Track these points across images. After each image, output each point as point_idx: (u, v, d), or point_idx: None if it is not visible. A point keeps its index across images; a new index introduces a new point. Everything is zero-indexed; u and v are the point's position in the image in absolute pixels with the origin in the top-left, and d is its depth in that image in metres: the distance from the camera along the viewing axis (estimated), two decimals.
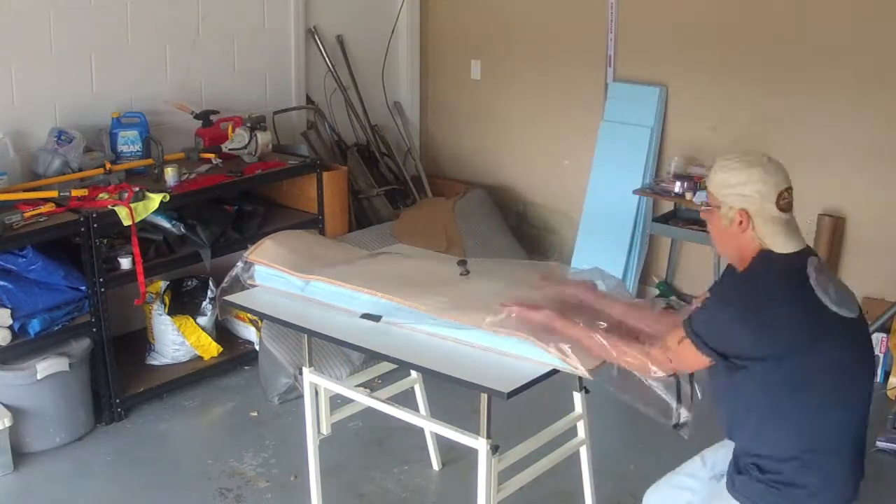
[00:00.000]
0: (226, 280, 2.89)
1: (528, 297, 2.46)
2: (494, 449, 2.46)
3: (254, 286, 2.88)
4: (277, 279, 2.81)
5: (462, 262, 2.78)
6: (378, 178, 5.05)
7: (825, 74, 4.06)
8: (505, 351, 2.40)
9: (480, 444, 2.46)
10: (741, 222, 2.12)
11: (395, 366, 2.85)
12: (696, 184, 4.24)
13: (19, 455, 3.45)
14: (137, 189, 3.62)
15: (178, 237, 3.84)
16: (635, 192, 4.47)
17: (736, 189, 2.11)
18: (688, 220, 4.42)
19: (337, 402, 3.02)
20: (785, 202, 2.10)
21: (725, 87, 4.34)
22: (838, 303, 2.09)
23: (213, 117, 4.28)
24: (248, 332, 4.20)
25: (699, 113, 4.46)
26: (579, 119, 4.86)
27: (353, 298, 2.65)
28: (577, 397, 2.79)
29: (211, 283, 4.05)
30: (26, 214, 3.41)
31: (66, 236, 3.53)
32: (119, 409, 3.74)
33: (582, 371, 2.28)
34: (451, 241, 4.58)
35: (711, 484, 2.35)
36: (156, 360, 4.00)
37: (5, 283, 3.41)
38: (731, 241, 2.17)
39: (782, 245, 2.12)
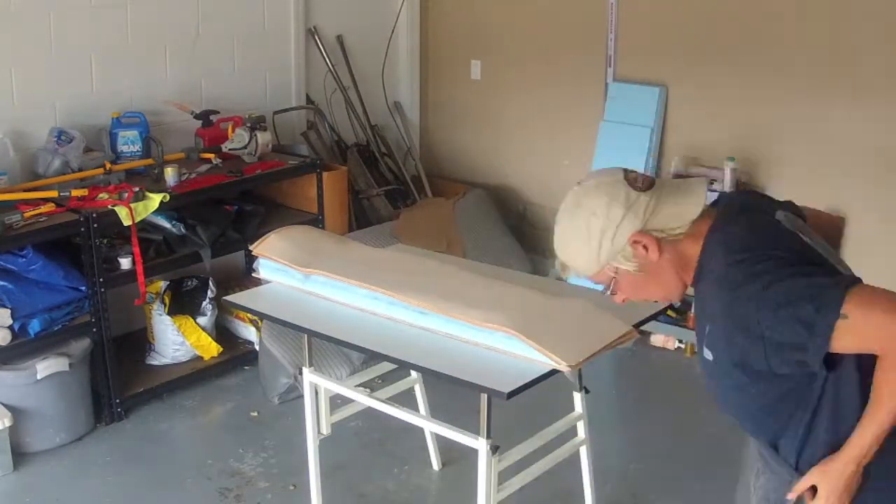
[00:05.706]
0: None
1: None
2: (494, 449, 2.46)
3: (258, 278, 2.91)
4: (280, 272, 2.85)
5: None
6: (378, 178, 5.05)
7: (825, 74, 4.05)
8: (493, 346, 2.39)
9: (480, 444, 2.46)
10: (646, 248, 1.67)
11: (395, 366, 2.85)
12: None
13: (19, 455, 3.45)
14: (137, 189, 3.62)
15: (178, 237, 3.84)
16: None
17: (605, 240, 1.70)
18: None
19: (337, 402, 3.02)
20: (638, 183, 1.69)
21: (725, 87, 4.33)
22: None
23: (213, 117, 4.28)
24: (248, 332, 4.20)
25: (699, 113, 4.46)
26: (579, 119, 4.86)
27: (351, 292, 2.67)
28: (577, 397, 2.79)
29: (211, 283, 4.05)
30: (26, 214, 3.41)
31: (66, 236, 3.52)
32: (119, 409, 3.74)
33: (563, 367, 2.24)
34: (451, 241, 4.58)
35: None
36: (156, 360, 4.00)
37: (5, 283, 3.41)
38: (664, 272, 1.70)
39: (689, 209, 1.68)
